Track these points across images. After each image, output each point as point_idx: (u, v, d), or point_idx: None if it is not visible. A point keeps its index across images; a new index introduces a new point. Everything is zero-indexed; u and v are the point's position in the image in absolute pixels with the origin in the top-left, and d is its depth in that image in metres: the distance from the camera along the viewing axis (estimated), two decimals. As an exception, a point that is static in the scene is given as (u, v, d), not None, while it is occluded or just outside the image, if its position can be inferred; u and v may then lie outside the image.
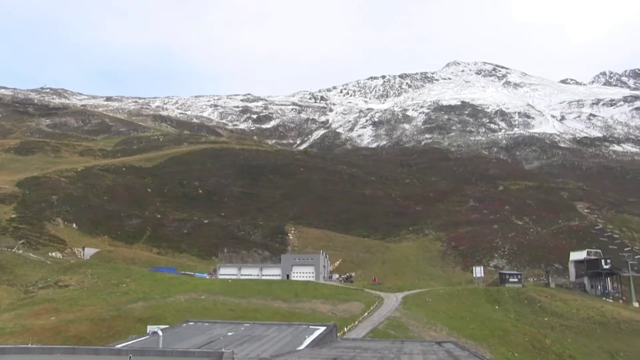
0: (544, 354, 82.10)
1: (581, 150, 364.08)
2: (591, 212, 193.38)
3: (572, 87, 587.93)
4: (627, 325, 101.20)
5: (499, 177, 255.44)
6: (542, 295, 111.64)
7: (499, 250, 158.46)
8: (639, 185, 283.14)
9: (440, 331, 78.67)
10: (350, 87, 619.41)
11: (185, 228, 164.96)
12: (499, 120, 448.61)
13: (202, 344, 32.91)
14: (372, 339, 55.81)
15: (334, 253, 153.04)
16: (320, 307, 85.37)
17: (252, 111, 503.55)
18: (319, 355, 26.66)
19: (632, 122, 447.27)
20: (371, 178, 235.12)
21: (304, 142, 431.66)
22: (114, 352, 23.32)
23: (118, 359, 22.03)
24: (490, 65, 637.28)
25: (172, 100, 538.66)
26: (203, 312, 71.27)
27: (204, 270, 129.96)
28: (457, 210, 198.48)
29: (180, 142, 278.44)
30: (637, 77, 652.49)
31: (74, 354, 22.85)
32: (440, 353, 31.57)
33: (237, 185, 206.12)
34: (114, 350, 24.32)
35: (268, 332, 39.01)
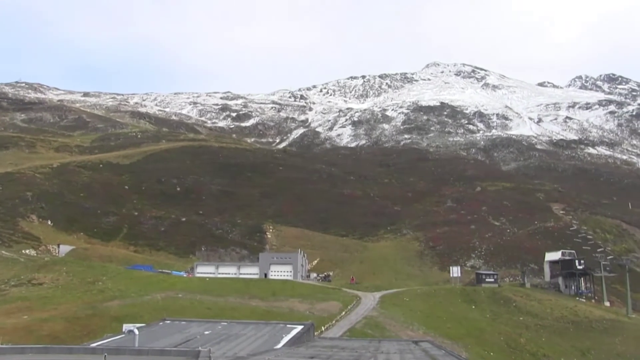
0: (518, 353, 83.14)
1: (557, 152, 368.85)
2: (566, 214, 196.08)
3: (549, 90, 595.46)
4: (598, 324, 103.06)
5: (477, 178, 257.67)
6: (517, 295, 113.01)
7: (475, 251, 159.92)
8: (612, 187, 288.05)
9: (417, 330, 79.16)
10: (330, 87, 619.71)
11: (163, 226, 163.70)
12: (478, 121, 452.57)
13: (179, 343, 32.69)
14: (349, 338, 55.95)
15: (312, 252, 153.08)
16: (298, 306, 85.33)
17: (232, 109, 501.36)
18: (296, 354, 26.65)
19: (607, 125, 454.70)
20: (350, 177, 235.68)
21: (283, 141, 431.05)
22: (88, 351, 22.99)
23: (93, 358, 21.67)
24: (469, 66, 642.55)
25: (151, 96, 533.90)
26: (180, 311, 70.75)
27: (182, 268, 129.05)
28: (434, 211, 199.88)
29: (158, 139, 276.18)
30: (611, 82, 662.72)
31: (47, 354, 22.40)
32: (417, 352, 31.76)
33: (215, 184, 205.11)
34: (89, 349, 23.99)
35: (245, 331, 38.89)
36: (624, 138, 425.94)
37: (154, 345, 29.02)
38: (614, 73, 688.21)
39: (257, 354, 26.40)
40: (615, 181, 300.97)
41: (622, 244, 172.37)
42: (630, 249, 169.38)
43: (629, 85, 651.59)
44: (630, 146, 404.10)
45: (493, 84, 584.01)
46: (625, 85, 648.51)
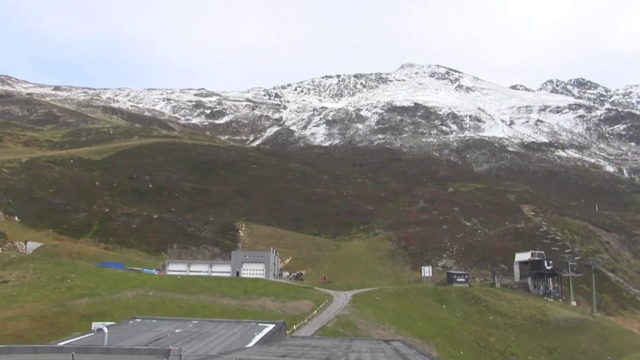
0: (488, 351, 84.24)
1: (528, 154, 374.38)
2: (536, 215, 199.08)
3: (522, 93, 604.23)
4: (564, 323, 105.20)
5: (449, 179, 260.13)
6: (487, 295, 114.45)
7: (447, 251, 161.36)
8: (581, 189, 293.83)
9: (389, 329, 79.64)
10: (305, 85, 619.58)
11: (134, 223, 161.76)
12: (451, 122, 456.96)
13: (149, 341, 32.36)
14: (321, 337, 56.00)
15: (284, 251, 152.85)
16: (270, 305, 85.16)
17: (206, 106, 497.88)
18: (268, 353, 26.57)
19: (576, 129, 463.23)
20: (323, 176, 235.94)
21: (257, 139, 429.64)
22: (55, 350, 22.51)
23: (60, 357, 21.21)
24: (443, 68, 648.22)
25: (124, 92, 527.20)
26: (151, 309, 70.06)
27: (153, 266, 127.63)
28: (407, 211, 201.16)
29: (131, 135, 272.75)
30: (581, 87, 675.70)
31: (11, 354, 21.70)
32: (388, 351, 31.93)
33: (188, 181, 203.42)
34: (56, 348, 23.50)
35: (217, 330, 38.67)
36: (592, 142, 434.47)
37: (124, 344, 28.67)
38: (583, 78, 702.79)
39: (229, 352, 26.25)
40: (583, 184, 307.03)
41: (589, 245, 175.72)
42: (596, 250, 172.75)
43: (597, 90, 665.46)
44: (598, 150, 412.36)
45: (467, 86, 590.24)
46: (594, 90, 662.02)
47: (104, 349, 23.13)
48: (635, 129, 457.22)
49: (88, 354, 21.30)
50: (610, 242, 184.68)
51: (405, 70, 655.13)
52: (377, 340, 48.20)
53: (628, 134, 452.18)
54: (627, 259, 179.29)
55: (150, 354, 21.22)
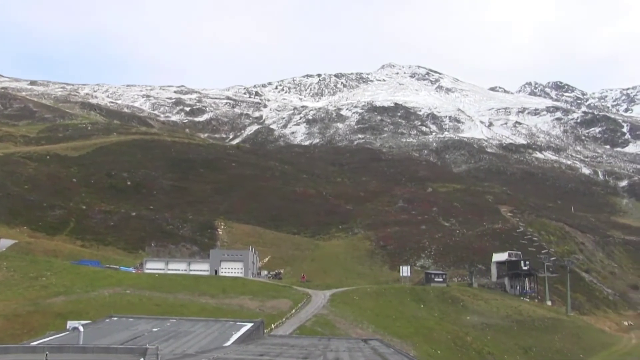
0: (465, 351, 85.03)
1: (507, 156, 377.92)
2: (513, 216, 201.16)
3: (501, 95, 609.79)
4: (540, 323, 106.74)
5: (428, 179, 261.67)
6: (465, 295, 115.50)
7: (425, 251, 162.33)
8: (557, 191, 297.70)
9: (367, 329, 79.94)
10: (286, 84, 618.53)
11: (112, 220, 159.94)
12: (430, 123, 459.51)
13: (126, 340, 32.04)
14: (299, 336, 56.00)
15: (263, 249, 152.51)
16: (248, 304, 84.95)
17: (185, 103, 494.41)
18: (246, 352, 26.47)
19: (553, 131, 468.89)
20: (303, 176, 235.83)
21: (236, 137, 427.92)
22: (28, 350, 22.04)
23: (33, 357, 20.76)
24: (424, 69, 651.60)
25: (102, 88, 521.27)
26: (128, 307, 69.43)
27: (130, 264, 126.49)
28: (386, 210, 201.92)
29: (109, 131, 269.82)
30: (559, 89, 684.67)
31: None
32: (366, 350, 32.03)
33: (167, 178, 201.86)
34: (29, 348, 23.02)
35: (194, 329, 38.43)
36: (569, 144, 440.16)
37: (100, 343, 28.36)
38: (561, 81, 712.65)
39: (206, 351, 26.11)
40: (560, 185, 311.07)
41: (564, 246, 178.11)
42: (571, 250, 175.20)
43: (574, 93, 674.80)
44: (574, 152, 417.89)
45: (447, 87, 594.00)
46: (571, 93, 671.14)
47: (79, 348, 22.76)
48: (610, 132, 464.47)
49: (63, 353, 20.94)
50: (585, 243, 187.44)
51: (386, 70, 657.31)
52: (355, 339, 48.32)
53: (603, 137, 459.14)
54: (600, 259, 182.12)
55: (127, 353, 20.96)
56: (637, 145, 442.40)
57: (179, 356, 24.03)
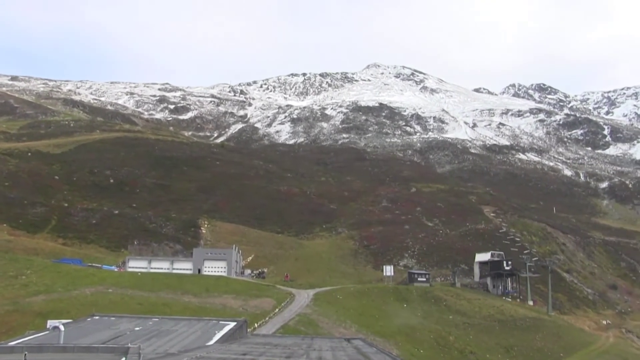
0: (447, 350, 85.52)
1: (490, 156, 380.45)
2: (496, 216, 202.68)
3: (485, 96, 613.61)
4: (522, 322, 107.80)
5: (412, 179, 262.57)
6: (448, 295, 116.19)
7: (409, 250, 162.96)
8: (540, 192, 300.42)
9: (350, 328, 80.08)
10: (271, 83, 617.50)
11: (94, 218, 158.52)
12: (415, 123, 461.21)
13: (108, 339, 31.78)
14: (282, 335, 55.95)
15: (247, 248, 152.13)
16: (231, 303, 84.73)
17: (170, 101, 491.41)
18: (229, 351, 26.39)
19: (536, 133, 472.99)
20: (287, 174, 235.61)
21: (221, 135, 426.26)
22: (6, 350, 21.68)
23: (11, 357, 20.41)
24: (409, 69, 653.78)
25: (86, 84, 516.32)
26: (110, 306, 68.92)
27: (113, 262, 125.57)
28: (370, 210, 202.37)
29: (92, 129, 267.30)
30: (542, 91, 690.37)
31: None
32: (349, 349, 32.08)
33: (150, 176, 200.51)
34: (7, 348, 22.65)
35: (177, 327, 38.25)
36: (552, 145, 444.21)
37: (81, 342, 28.10)
38: (544, 83, 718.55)
39: (189, 350, 25.99)
40: (542, 186, 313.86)
41: (546, 246, 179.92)
42: (553, 251, 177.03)
43: (557, 95, 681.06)
44: (556, 153, 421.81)
45: (431, 88, 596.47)
46: (554, 96, 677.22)
47: (60, 347, 22.48)
48: (591, 134, 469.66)
49: (42, 352, 20.67)
50: (567, 244, 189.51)
51: (371, 70, 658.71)
52: (339, 338, 48.36)
53: (585, 139, 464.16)
54: (581, 259, 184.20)
55: (108, 352, 20.81)
56: (618, 147, 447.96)
57: (161, 355, 23.89)
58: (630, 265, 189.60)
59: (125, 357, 19.58)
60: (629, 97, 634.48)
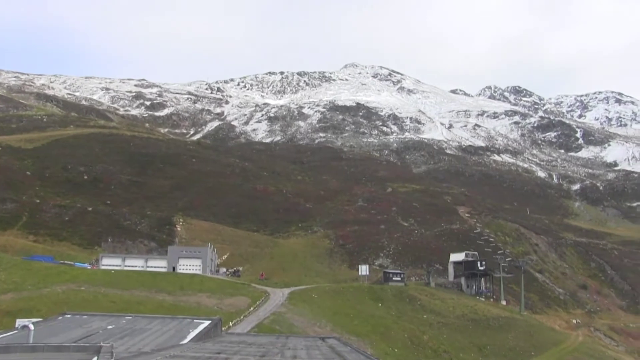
0: (421, 349, 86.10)
1: (465, 157, 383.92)
2: (471, 217, 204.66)
3: (461, 97, 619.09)
4: (494, 322, 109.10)
5: (388, 179, 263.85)
6: (422, 294, 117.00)
7: (384, 250, 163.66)
8: (514, 193, 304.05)
9: (325, 327, 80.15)
10: (248, 81, 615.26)
11: (67, 215, 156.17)
12: (392, 123, 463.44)
13: (79, 338, 31.33)
14: (256, 334, 55.76)
15: (222, 247, 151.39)
16: (206, 301, 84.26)
17: (146, 97, 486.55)
18: (203, 350, 26.21)
19: (511, 134, 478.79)
20: (263, 173, 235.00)
21: (197, 133, 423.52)
22: (-29, 351, 21.09)
23: (-24, 359, 19.87)
24: (386, 70, 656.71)
25: (60, 79, 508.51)
26: (82, 304, 67.99)
27: (86, 260, 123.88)
28: (346, 209, 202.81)
29: (66, 124, 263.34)
30: (517, 94, 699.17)
31: None
32: (324, 348, 32.08)
33: (125, 173, 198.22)
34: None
35: (151, 326, 37.86)
36: (526, 147, 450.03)
37: (51, 341, 27.61)
38: (519, 86, 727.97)
39: (162, 349, 25.74)
40: (516, 188, 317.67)
41: (519, 247, 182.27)
42: (526, 251, 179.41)
43: (531, 98, 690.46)
44: (530, 155, 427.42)
45: (408, 88, 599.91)
46: (528, 98, 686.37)
47: (29, 347, 21.95)
48: (565, 137, 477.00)
49: (10, 353, 20.16)
50: (539, 244, 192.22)
51: (349, 70, 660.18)
52: (313, 337, 48.33)
53: (558, 142, 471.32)
54: (553, 260, 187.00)
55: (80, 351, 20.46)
56: (590, 150, 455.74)
57: (135, 354, 23.60)
58: (600, 266, 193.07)
59: (97, 356, 19.26)
60: (601, 101, 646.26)
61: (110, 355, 19.33)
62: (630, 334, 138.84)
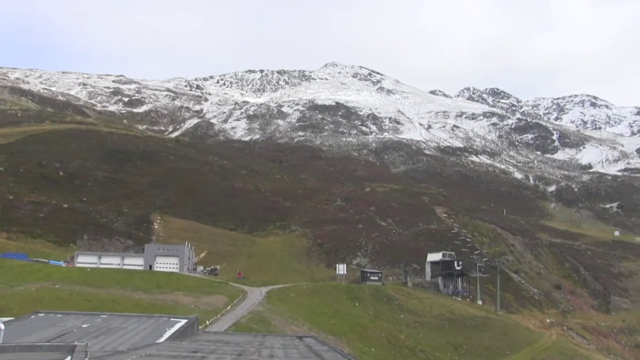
0: (398, 348, 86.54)
1: (444, 158, 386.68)
2: (448, 217, 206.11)
3: (440, 98, 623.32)
4: (471, 321, 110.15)
5: (367, 179, 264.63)
6: (399, 294, 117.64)
7: (362, 249, 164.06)
8: (491, 194, 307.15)
9: (302, 326, 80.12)
10: (228, 78, 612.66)
11: (42, 212, 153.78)
12: (371, 123, 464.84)
13: (53, 337, 30.91)
14: (234, 333, 55.55)
15: (199, 245, 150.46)
16: (183, 300, 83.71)
17: (124, 93, 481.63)
18: (179, 349, 26.05)
19: (489, 136, 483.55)
20: (242, 171, 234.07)
21: (176, 130, 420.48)
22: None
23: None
24: (366, 70, 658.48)
25: (35, 73, 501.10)
26: (56, 303, 67.00)
27: (61, 257, 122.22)
28: (324, 209, 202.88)
29: (42, 119, 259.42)
30: (495, 96, 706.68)
31: None
32: (301, 347, 32.07)
33: (102, 170, 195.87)
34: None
35: (126, 324, 37.51)
36: (503, 149, 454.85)
37: (23, 341, 27.20)
38: (497, 88, 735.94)
39: (138, 348, 25.51)
40: (493, 188, 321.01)
41: (496, 247, 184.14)
42: (502, 252, 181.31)
43: (509, 100, 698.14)
44: (508, 157, 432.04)
45: (388, 89, 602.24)
46: (506, 100, 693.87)
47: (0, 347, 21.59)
48: (541, 139, 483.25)
49: (-21, 353, 19.76)
50: (515, 245, 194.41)
51: (329, 69, 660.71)
52: (290, 336, 48.31)
53: (535, 143, 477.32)
54: (529, 260, 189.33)
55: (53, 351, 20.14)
56: (565, 152, 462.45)
57: (110, 353, 23.35)
58: (574, 266, 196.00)
59: (71, 356, 18.99)
60: (577, 104, 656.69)
61: (85, 354, 19.07)
62: (601, 333, 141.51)
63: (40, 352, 20.11)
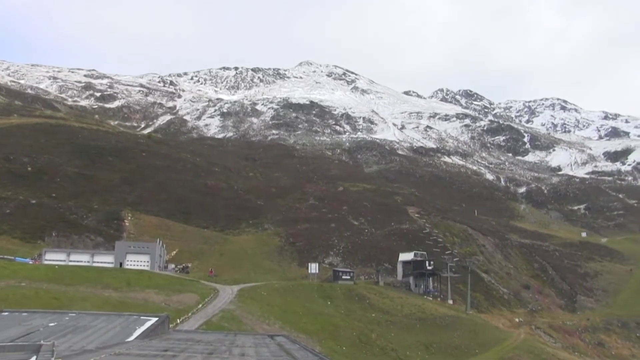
0: (369, 347, 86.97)
1: (417, 158, 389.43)
2: (420, 217, 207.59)
3: (414, 99, 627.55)
4: (441, 320, 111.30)
5: (340, 178, 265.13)
6: (371, 293, 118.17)
7: (334, 248, 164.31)
8: (463, 195, 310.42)
9: (274, 325, 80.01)
10: (202, 75, 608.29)
11: (8, 208, 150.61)
12: (345, 123, 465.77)
13: (18, 337, 30.28)
14: (205, 331, 55.19)
15: (171, 242, 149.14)
16: (154, 298, 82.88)
17: (96, 88, 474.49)
18: (149, 347, 25.74)
19: (462, 137, 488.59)
20: (215, 169, 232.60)
21: (148, 126, 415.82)
22: None
23: None
24: (341, 69, 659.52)
25: (3, 65, 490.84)
26: (22, 301, 65.69)
27: (28, 254, 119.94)
28: (297, 207, 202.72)
29: (9, 113, 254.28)
30: (468, 97, 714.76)
31: None
32: (272, 346, 31.97)
33: (72, 165, 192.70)
34: None
35: (95, 323, 36.93)
36: (476, 150, 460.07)
37: (-12, 339, 26.58)
38: (471, 90, 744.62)
39: (107, 347, 25.13)
40: (465, 189, 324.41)
41: (467, 247, 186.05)
42: (473, 252, 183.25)
43: (482, 102, 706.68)
44: (480, 158, 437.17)
45: (362, 88, 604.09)
46: (479, 102, 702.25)
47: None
48: (513, 141, 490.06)
49: (-63, 354, 19.14)
50: (486, 245, 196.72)
51: (303, 68, 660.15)
52: (262, 335, 48.16)
53: (506, 145, 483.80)
54: (499, 260, 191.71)
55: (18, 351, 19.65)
56: (536, 154, 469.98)
57: (78, 352, 22.93)
58: (542, 266, 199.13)
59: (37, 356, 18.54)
60: (547, 107, 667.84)
61: (51, 354, 18.64)
62: (567, 331, 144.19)
63: (3, 352, 19.56)
